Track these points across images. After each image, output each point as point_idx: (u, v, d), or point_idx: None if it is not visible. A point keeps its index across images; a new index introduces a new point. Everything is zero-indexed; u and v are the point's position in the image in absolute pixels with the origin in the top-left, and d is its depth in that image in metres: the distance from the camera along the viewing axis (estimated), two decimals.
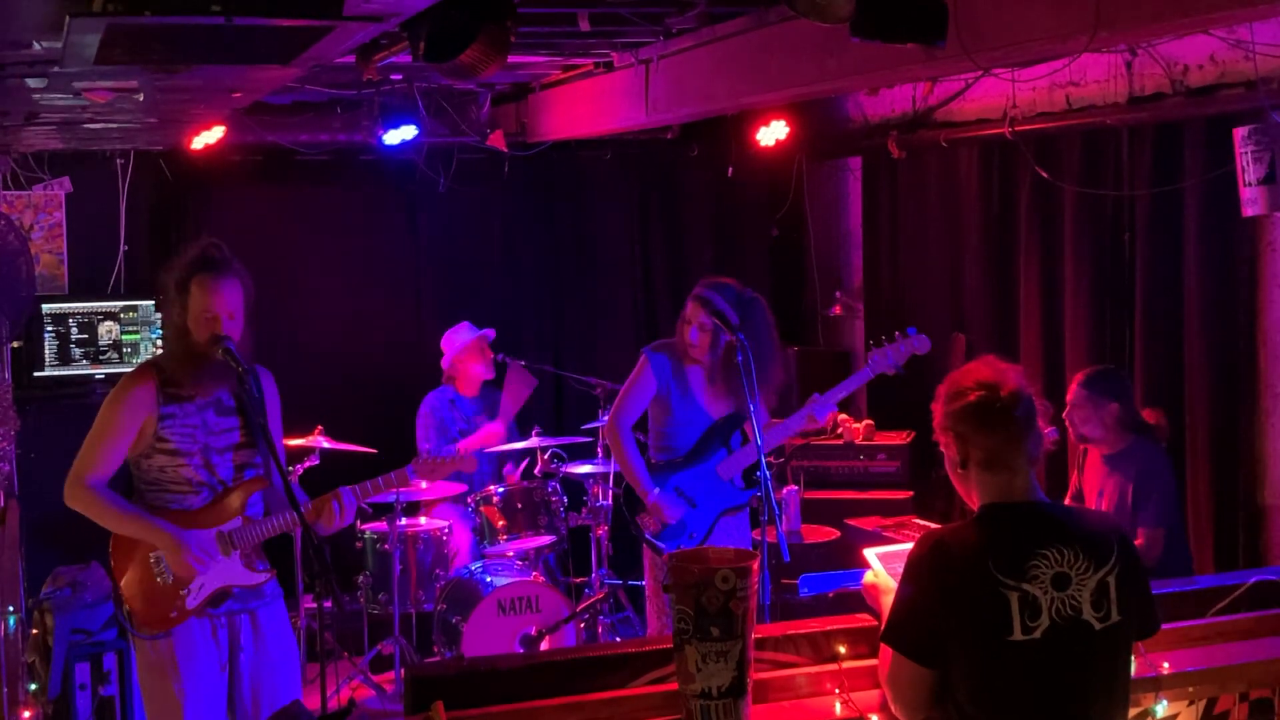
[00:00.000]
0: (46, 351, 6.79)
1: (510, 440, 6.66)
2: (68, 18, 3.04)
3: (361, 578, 6.26)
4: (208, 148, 6.56)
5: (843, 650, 3.10)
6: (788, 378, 5.21)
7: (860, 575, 3.20)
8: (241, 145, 6.89)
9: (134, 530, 3.88)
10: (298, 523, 3.85)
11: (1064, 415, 5.09)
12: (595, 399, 6.74)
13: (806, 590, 4.03)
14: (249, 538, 3.97)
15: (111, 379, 6.26)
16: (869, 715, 2.96)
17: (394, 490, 5.92)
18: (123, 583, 3.90)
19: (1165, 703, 3.08)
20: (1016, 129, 6.06)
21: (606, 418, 5.21)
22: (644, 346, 5.17)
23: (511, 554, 6.25)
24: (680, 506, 5.00)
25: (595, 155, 7.75)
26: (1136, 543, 4.83)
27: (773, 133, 7.13)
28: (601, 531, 6.32)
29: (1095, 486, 5.13)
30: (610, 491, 6.35)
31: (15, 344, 6.55)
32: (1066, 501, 5.26)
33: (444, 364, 6.84)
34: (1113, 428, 5.01)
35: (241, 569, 3.98)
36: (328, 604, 3.82)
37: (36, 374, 6.78)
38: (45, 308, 6.76)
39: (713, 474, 5.05)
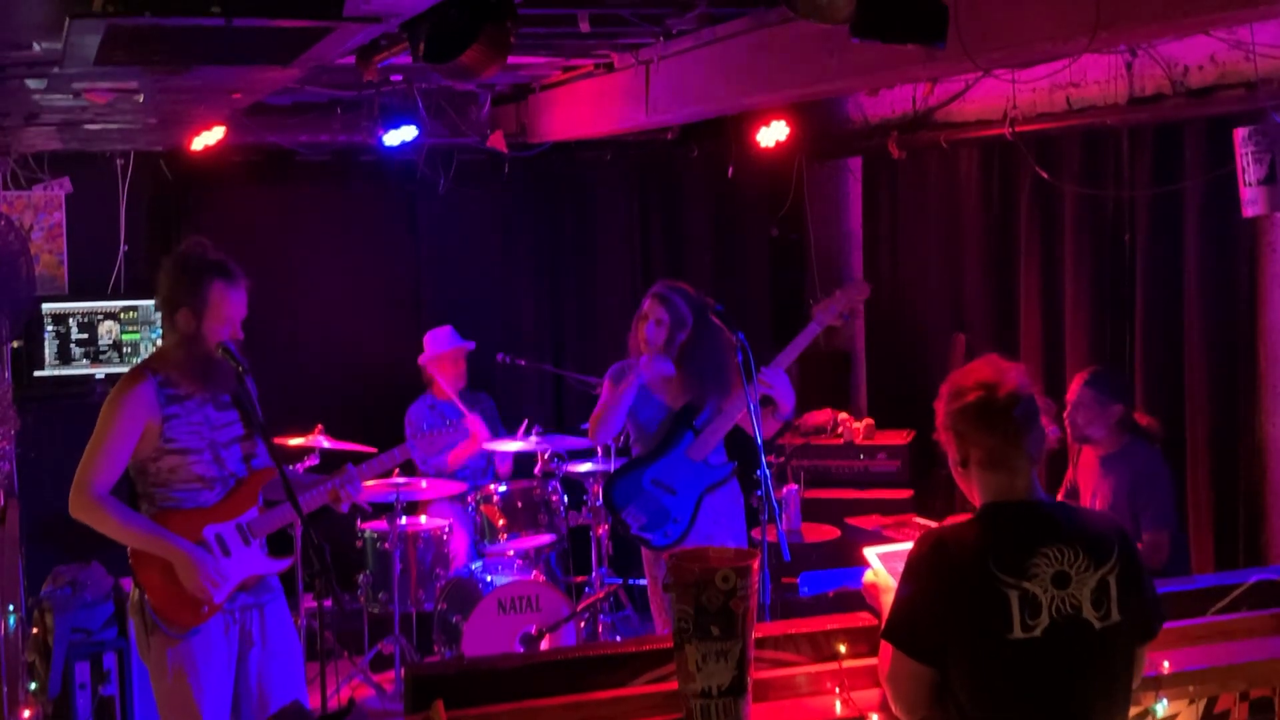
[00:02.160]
0: (47, 351, 6.79)
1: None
2: (68, 18, 3.05)
3: (361, 577, 6.26)
4: (208, 148, 6.56)
5: (843, 649, 3.10)
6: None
7: (860, 574, 3.21)
8: (242, 146, 6.89)
9: (148, 545, 3.86)
10: (299, 519, 3.87)
11: (1065, 415, 5.09)
12: (595, 399, 6.73)
13: (807, 589, 4.04)
14: (265, 527, 4.01)
15: (112, 379, 6.27)
16: (869, 714, 2.96)
17: (395, 486, 6.00)
18: (150, 585, 3.88)
19: (1165, 702, 3.08)
20: (1017, 129, 6.06)
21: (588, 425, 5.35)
22: (608, 370, 5.34)
23: (511, 553, 6.26)
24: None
25: (595, 156, 7.75)
26: (1140, 545, 4.84)
27: (773, 133, 7.13)
28: (602, 531, 6.32)
29: (1090, 487, 5.13)
30: None
31: (15, 344, 6.55)
32: (1060, 499, 5.27)
33: (421, 360, 6.85)
34: (1114, 429, 5.02)
35: (263, 558, 4.02)
36: (328, 603, 3.84)
37: (37, 374, 6.78)
38: (45, 308, 6.76)
39: (684, 459, 5.13)
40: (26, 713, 5.24)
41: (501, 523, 6.28)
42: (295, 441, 5.99)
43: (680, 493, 5.13)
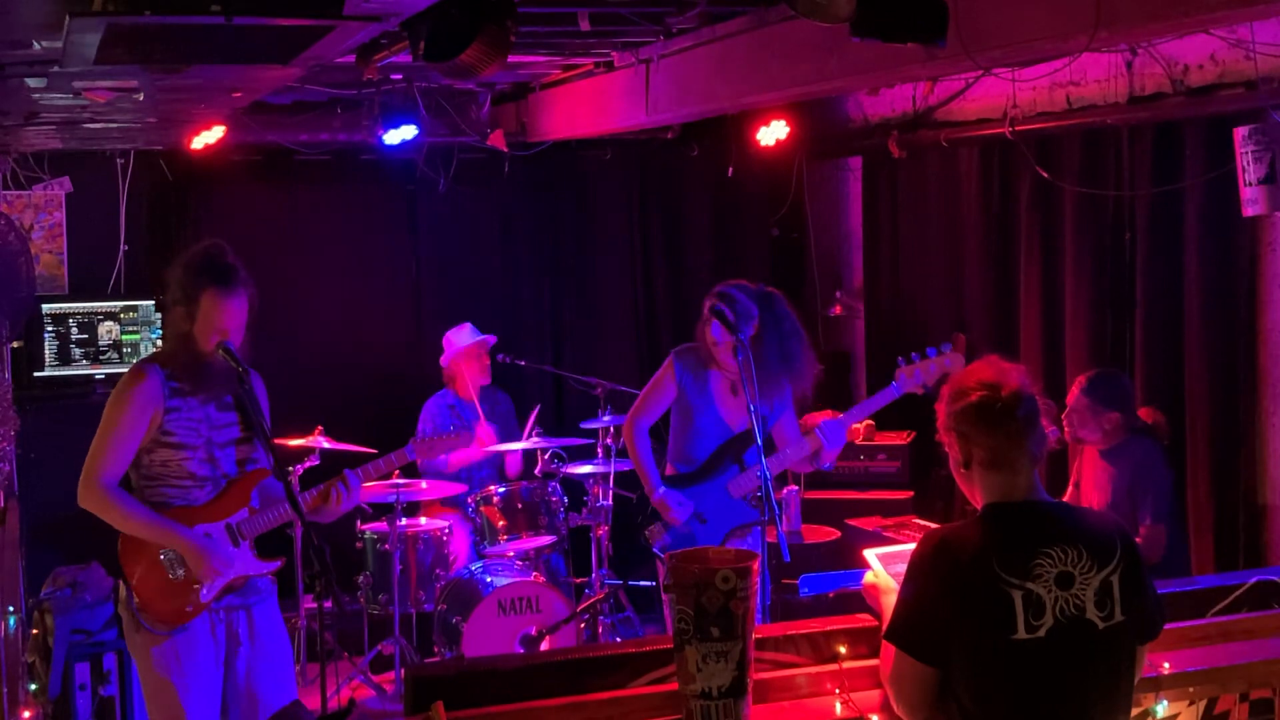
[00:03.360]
0: (46, 351, 6.79)
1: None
2: (68, 17, 3.05)
3: (361, 578, 6.26)
4: (208, 147, 6.56)
5: (843, 650, 3.09)
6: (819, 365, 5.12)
7: (860, 575, 3.20)
8: (241, 145, 6.89)
9: (153, 535, 3.87)
10: (298, 521, 3.87)
11: (1062, 416, 5.09)
12: (595, 399, 6.74)
13: (807, 590, 4.02)
14: (255, 528, 4.00)
15: (111, 379, 6.26)
16: (869, 715, 2.95)
17: (395, 487, 5.99)
18: (135, 582, 3.89)
19: (1165, 703, 3.07)
20: (1017, 129, 6.06)
21: (605, 416, 5.17)
22: (673, 348, 5.12)
23: (511, 554, 6.25)
24: (687, 506, 4.96)
25: (595, 155, 7.75)
26: (1138, 539, 4.84)
27: (773, 133, 7.13)
28: (602, 532, 6.32)
29: (1091, 481, 5.14)
30: (610, 492, 6.35)
31: (15, 344, 6.55)
32: (1068, 496, 5.28)
33: (443, 361, 6.84)
34: (1110, 432, 5.03)
35: (252, 559, 4.02)
36: (328, 604, 3.84)
37: (36, 374, 6.78)
38: (45, 308, 6.76)
39: (723, 491, 4.98)
40: (26, 713, 5.24)
41: (502, 524, 6.27)
42: (295, 442, 5.98)
43: (711, 524, 4.97)
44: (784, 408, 5.01)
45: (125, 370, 4.14)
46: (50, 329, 6.79)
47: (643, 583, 6.73)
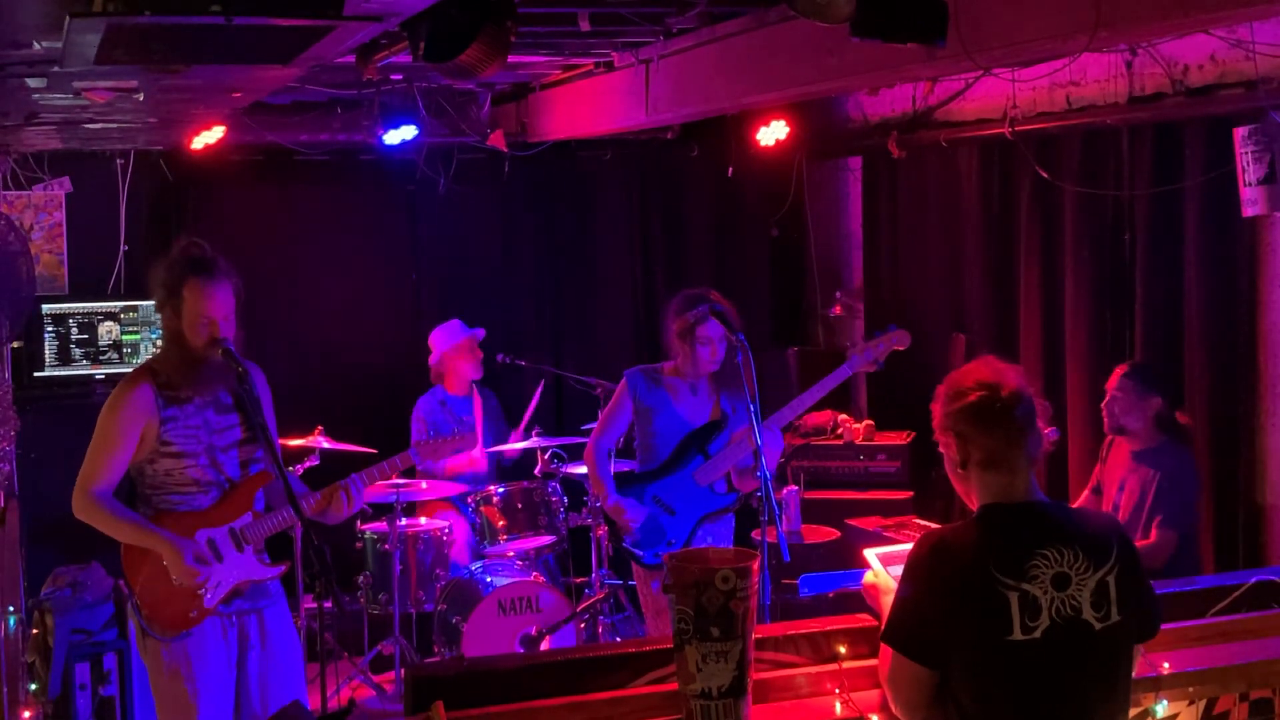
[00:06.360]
0: (47, 351, 6.79)
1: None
2: (68, 18, 3.05)
3: (362, 578, 6.26)
4: (208, 148, 6.57)
5: (843, 650, 3.10)
6: None
7: (860, 575, 3.20)
8: (241, 145, 6.89)
9: (137, 539, 3.88)
10: (298, 520, 3.87)
11: (1103, 405, 5.07)
12: (595, 399, 6.74)
13: (806, 590, 4.02)
14: (259, 532, 4.00)
15: (112, 379, 6.26)
16: (869, 715, 2.96)
17: (395, 487, 5.99)
18: (139, 588, 3.90)
19: (1165, 703, 3.08)
20: (1016, 129, 6.06)
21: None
22: (625, 370, 5.23)
23: (511, 554, 6.26)
24: (642, 511, 5.03)
25: (595, 155, 7.75)
26: (1148, 541, 4.83)
27: (773, 133, 7.13)
28: (601, 531, 6.31)
29: (1117, 478, 5.11)
30: None
31: (15, 344, 6.55)
32: (1087, 493, 5.28)
33: (431, 361, 6.85)
34: (1151, 422, 5.01)
35: (255, 564, 4.01)
36: (328, 604, 3.84)
37: (37, 374, 6.78)
38: (45, 308, 6.76)
39: (690, 481, 5.04)
40: (27, 713, 5.23)
41: (501, 524, 6.28)
42: (295, 442, 5.99)
43: (680, 514, 5.05)
44: (745, 410, 5.01)
45: (125, 370, 4.14)
46: (50, 329, 6.79)
47: None
